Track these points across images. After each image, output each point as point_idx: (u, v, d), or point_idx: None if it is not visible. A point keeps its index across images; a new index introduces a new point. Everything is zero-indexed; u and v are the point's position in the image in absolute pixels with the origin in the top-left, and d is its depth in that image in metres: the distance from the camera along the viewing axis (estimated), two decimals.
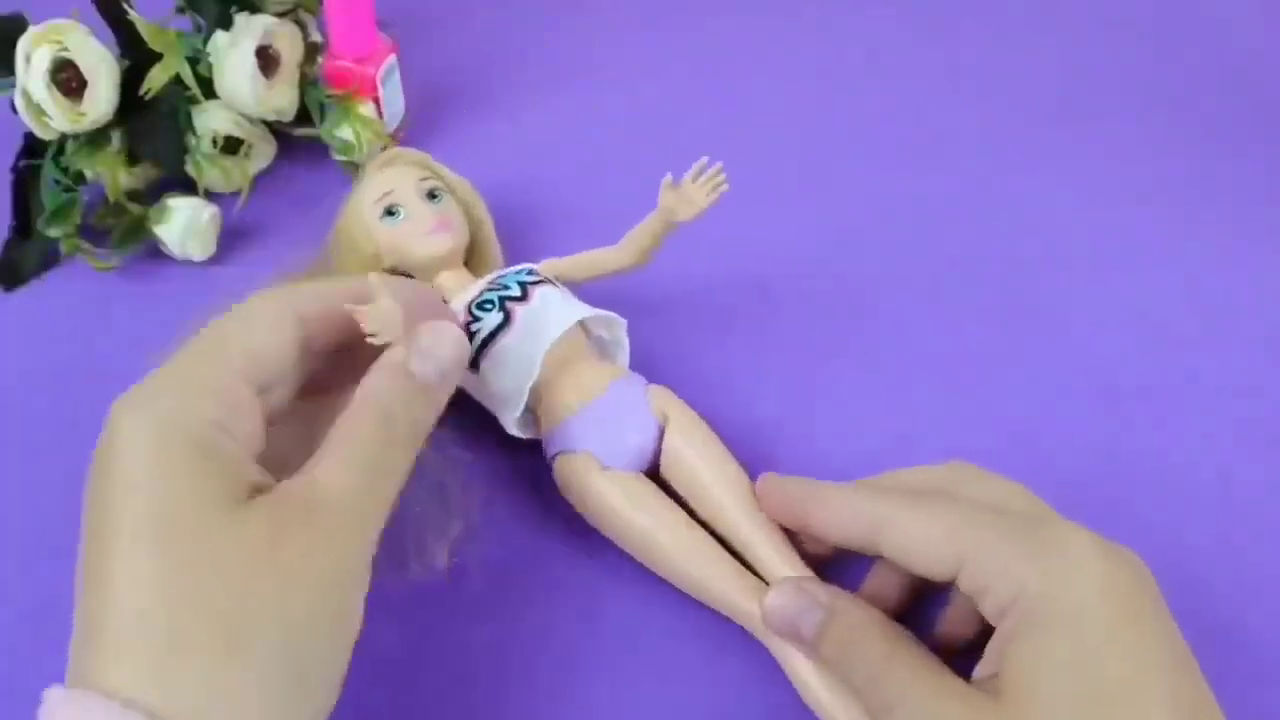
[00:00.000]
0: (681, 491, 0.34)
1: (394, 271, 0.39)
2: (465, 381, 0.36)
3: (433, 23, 0.63)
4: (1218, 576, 0.35)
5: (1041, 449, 0.39)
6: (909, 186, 0.52)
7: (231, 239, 0.48)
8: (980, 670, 0.25)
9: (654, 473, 0.34)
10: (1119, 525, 0.37)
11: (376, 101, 0.50)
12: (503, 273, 0.37)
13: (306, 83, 0.51)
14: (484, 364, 0.35)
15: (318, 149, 0.51)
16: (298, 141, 0.52)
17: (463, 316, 0.35)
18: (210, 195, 0.48)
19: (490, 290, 0.36)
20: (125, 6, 0.45)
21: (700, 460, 0.34)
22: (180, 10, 0.49)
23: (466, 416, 0.36)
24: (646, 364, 0.42)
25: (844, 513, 0.29)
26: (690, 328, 0.44)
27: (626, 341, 0.38)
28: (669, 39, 0.63)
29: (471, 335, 0.35)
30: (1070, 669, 0.22)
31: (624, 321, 0.37)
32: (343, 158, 0.50)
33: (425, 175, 0.39)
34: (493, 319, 0.35)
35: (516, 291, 0.35)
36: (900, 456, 0.39)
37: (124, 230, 0.45)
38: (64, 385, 0.41)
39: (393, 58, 0.51)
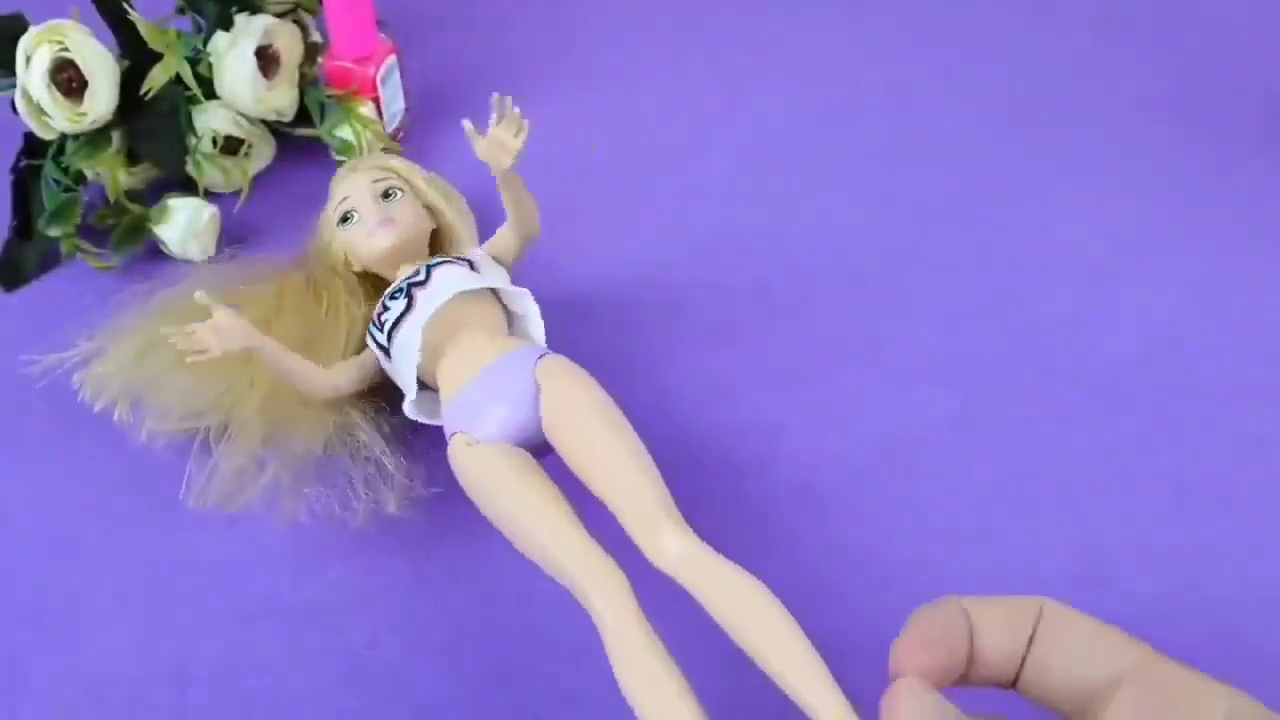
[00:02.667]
0: (566, 462, 0.32)
1: (362, 274, 0.42)
2: (388, 370, 0.37)
3: (433, 23, 0.63)
4: (1217, 577, 0.35)
5: (1042, 449, 0.39)
6: (909, 186, 0.52)
7: (231, 239, 0.48)
8: None
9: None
10: (1119, 525, 0.37)
11: (376, 101, 0.51)
12: (430, 261, 0.38)
13: (306, 83, 0.51)
14: (392, 349, 0.36)
15: (317, 149, 0.51)
16: (297, 141, 0.52)
17: (376, 310, 0.38)
18: (210, 195, 0.48)
19: (406, 279, 0.37)
20: (125, 6, 0.45)
21: (569, 427, 0.32)
22: (180, 11, 0.49)
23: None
24: (644, 364, 0.42)
25: (1008, 609, 0.24)
26: (690, 328, 0.44)
27: (536, 312, 0.38)
28: (669, 39, 0.63)
29: (382, 325, 0.37)
30: None
31: (526, 292, 0.37)
32: (343, 158, 0.50)
33: (379, 176, 0.41)
34: (398, 306, 0.36)
35: (422, 276, 0.37)
36: (900, 456, 0.39)
37: (124, 230, 0.45)
38: (64, 385, 0.41)
39: (393, 58, 0.51)
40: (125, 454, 0.38)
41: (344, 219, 0.40)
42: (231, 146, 0.49)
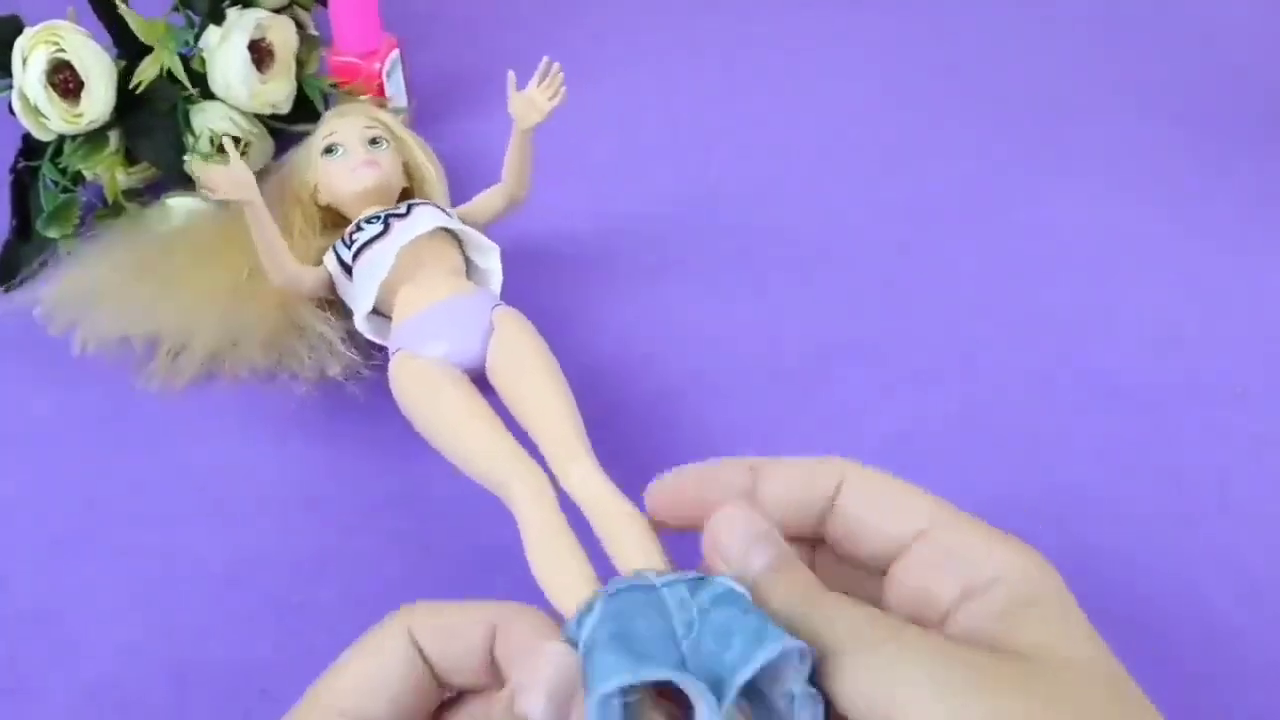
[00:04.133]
0: (501, 398, 0.35)
1: (328, 209, 0.43)
2: (341, 288, 0.39)
3: (437, 19, 0.63)
4: (1217, 578, 0.35)
5: (1042, 449, 0.39)
6: (909, 186, 0.52)
7: None
8: None
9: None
10: (1119, 525, 0.37)
11: (381, 95, 0.50)
12: (411, 200, 0.40)
13: (305, 74, 0.51)
14: (355, 267, 0.38)
15: None
16: (296, 139, 0.51)
17: (349, 230, 0.39)
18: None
19: (386, 210, 0.39)
20: (118, 2, 0.45)
21: (511, 366, 0.35)
22: (176, 9, 0.49)
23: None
24: (639, 364, 0.42)
25: (805, 471, 0.26)
26: (688, 329, 0.44)
27: (498, 269, 0.40)
28: (669, 37, 0.63)
29: (351, 244, 0.38)
30: (1076, 646, 0.22)
31: (495, 247, 0.40)
32: None
33: (370, 124, 0.43)
34: (373, 229, 0.38)
35: (402, 210, 0.39)
36: (900, 456, 0.39)
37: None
38: (65, 384, 0.41)
39: (396, 52, 0.51)
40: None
41: (329, 150, 0.42)
42: None
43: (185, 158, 0.47)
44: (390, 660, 0.23)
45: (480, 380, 0.36)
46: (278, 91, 0.49)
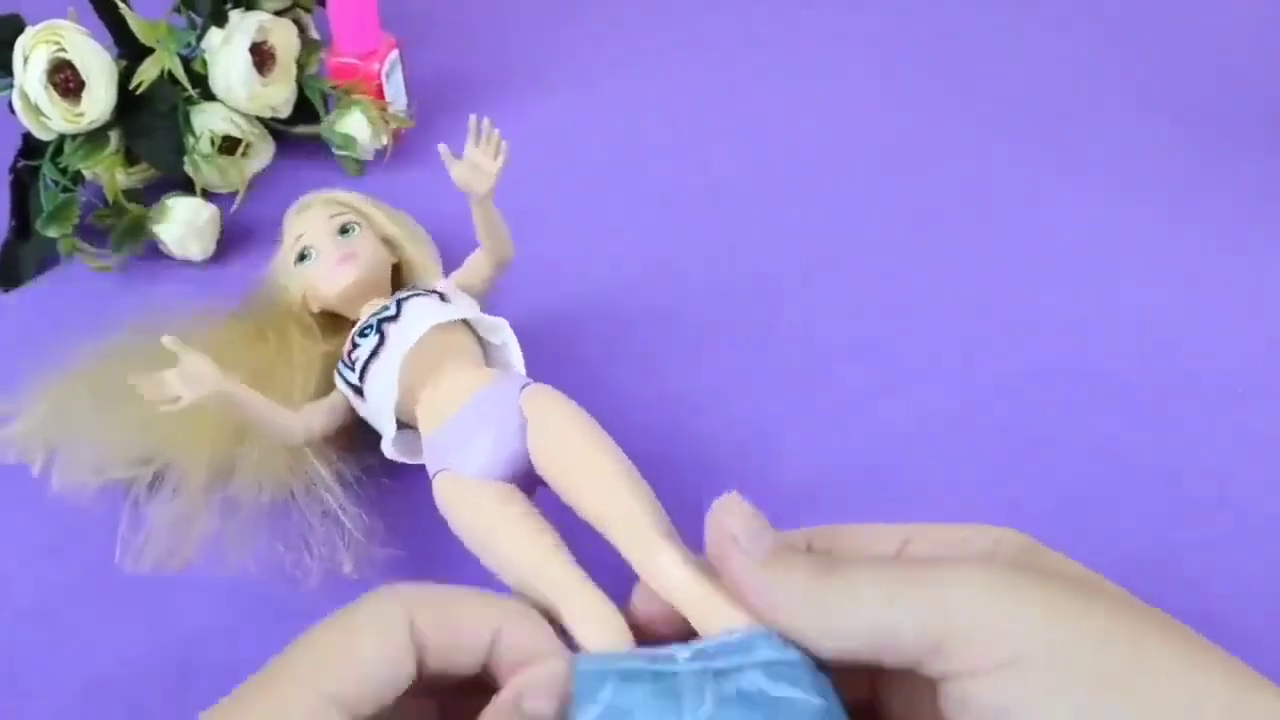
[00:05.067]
0: (557, 492, 0.30)
1: (321, 314, 0.39)
2: (360, 410, 0.35)
3: (437, 19, 0.63)
4: (1217, 578, 0.35)
5: (1041, 449, 0.39)
6: (909, 186, 0.52)
7: (231, 239, 0.48)
8: None
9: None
10: (1119, 525, 0.37)
11: (381, 97, 0.50)
12: (398, 294, 0.36)
13: (306, 76, 0.51)
14: (365, 388, 0.34)
15: (317, 148, 0.51)
16: (297, 140, 0.52)
17: (346, 349, 0.36)
18: (210, 195, 0.48)
19: (375, 315, 0.36)
20: (119, 2, 0.45)
21: (558, 455, 0.30)
22: (178, 10, 0.49)
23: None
24: (639, 367, 0.42)
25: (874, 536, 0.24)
26: (687, 330, 0.44)
27: (514, 341, 0.36)
28: (668, 38, 0.63)
29: (353, 364, 0.35)
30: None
31: (502, 322, 0.36)
32: (343, 153, 0.50)
33: (335, 212, 0.40)
34: (369, 343, 0.34)
35: (392, 310, 0.35)
36: (900, 456, 0.39)
37: (123, 230, 0.45)
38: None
39: (395, 53, 0.51)
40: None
41: (301, 257, 0.39)
42: (230, 146, 0.49)
43: (185, 159, 0.47)
44: (390, 651, 0.22)
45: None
46: (278, 94, 0.49)
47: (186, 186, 0.48)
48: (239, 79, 0.47)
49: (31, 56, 0.43)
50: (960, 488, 0.38)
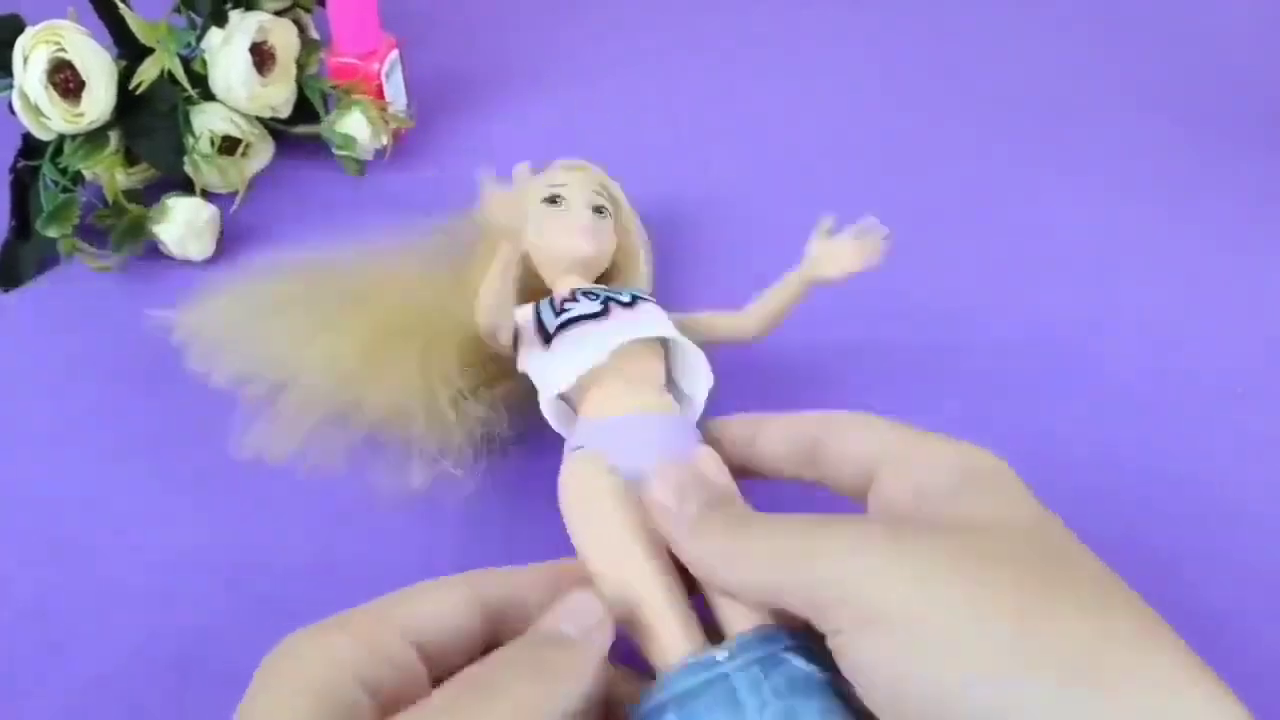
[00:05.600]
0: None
1: (524, 261, 0.37)
2: (526, 355, 0.34)
3: (437, 19, 0.63)
4: (1217, 578, 0.35)
5: (1041, 449, 0.39)
6: (909, 186, 0.52)
7: (231, 239, 0.48)
8: None
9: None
10: (1118, 525, 0.37)
11: (380, 97, 0.51)
12: (620, 288, 0.36)
13: (306, 76, 0.51)
14: (557, 340, 0.33)
15: (317, 148, 0.51)
16: (297, 141, 0.52)
17: (563, 294, 0.35)
18: (210, 195, 0.48)
19: (603, 289, 0.35)
20: (118, 2, 0.45)
21: None
22: (178, 10, 0.49)
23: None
24: None
25: (795, 420, 0.29)
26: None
27: (701, 400, 0.34)
28: (670, 38, 0.63)
29: (561, 312, 0.33)
30: (1023, 519, 0.24)
31: (709, 377, 0.34)
32: (343, 153, 0.50)
33: (599, 189, 0.40)
34: (589, 306, 0.34)
35: (626, 298, 0.35)
36: None
37: (123, 230, 0.45)
38: (65, 385, 0.41)
39: (395, 53, 0.51)
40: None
41: (553, 200, 0.38)
42: (230, 147, 0.49)
43: (185, 159, 0.47)
44: (457, 600, 0.24)
45: None
46: (277, 95, 0.49)
47: (186, 186, 0.48)
48: (239, 79, 0.47)
49: (31, 56, 0.43)
50: None
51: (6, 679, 0.32)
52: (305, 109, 0.51)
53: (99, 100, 0.44)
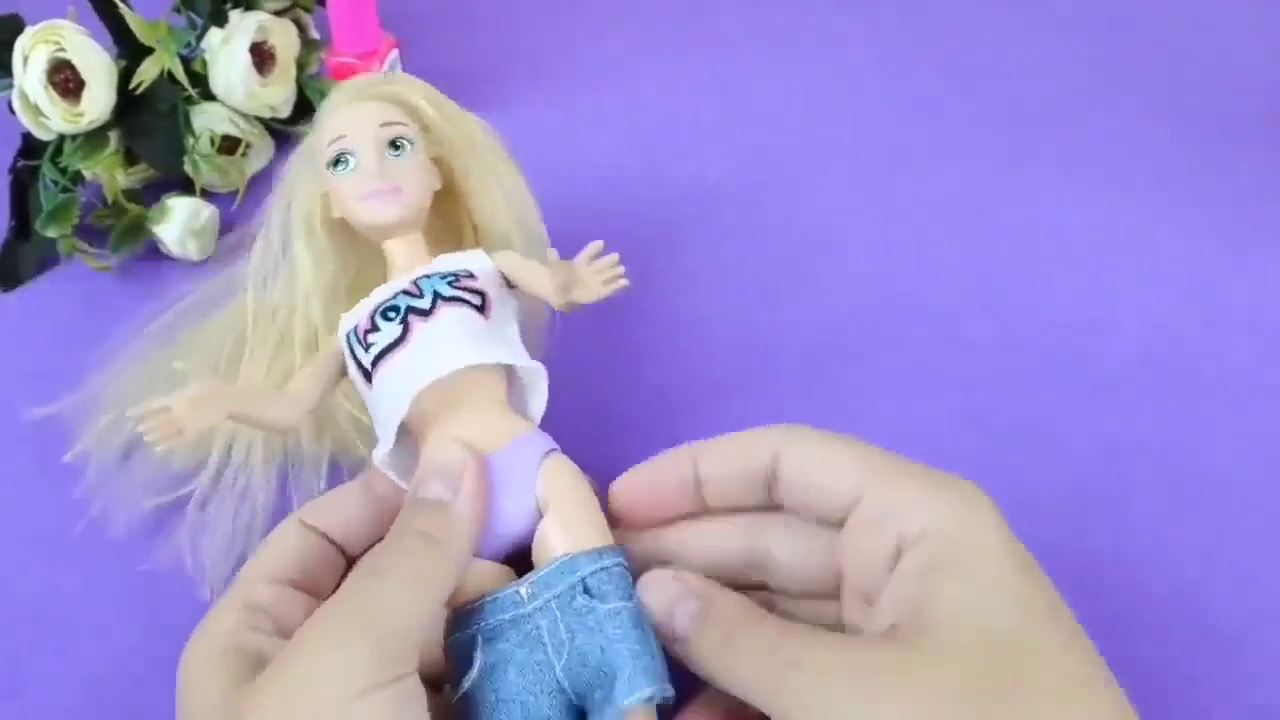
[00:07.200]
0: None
1: (343, 227, 0.33)
2: (360, 391, 0.31)
3: (437, 19, 0.63)
4: (1217, 578, 0.35)
5: (1041, 449, 0.39)
6: (909, 186, 0.52)
7: (230, 239, 0.48)
8: (874, 623, 0.24)
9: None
10: (1118, 525, 0.37)
11: None
12: (433, 268, 0.31)
13: (305, 76, 0.51)
14: (375, 380, 0.30)
15: None
16: (297, 141, 0.51)
17: (364, 324, 0.30)
18: (209, 195, 0.48)
19: (404, 295, 0.30)
20: (118, 2, 0.45)
21: (557, 541, 0.27)
22: (178, 10, 0.49)
23: None
24: (639, 367, 0.42)
25: (740, 449, 0.27)
26: (686, 330, 0.44)
27: (543, 392, 0.31)
28: (670, 38, 0.63)
29: (368, 346, 0.30)
30: (992, 611, 0.22)
31: (541, 370, 0.31)
32: None
33: (389, 119, 0.32)
34: (390, 332, 0.29)
35: (425, 303, 0.30)
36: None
37: (122, 230, 0.45)
38: (64, 385, 0.41)
39: (395, 52, 0.51)
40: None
41: (337, 161, 0.32)
42: (230, 146, 0.49)
43: (184, 159, 0.47)
44: (289, 532, 0.29)
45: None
46: (277, 95, 0.49)
47: (186, 186, 0.48)
48: (239, 79, 0.47)
49: (31, 56, 0.43)
50: None
51: (6, 679, 0.32)
52: (305, 109, 0.51)
53: (99, 100, 0.44)
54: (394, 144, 0.32)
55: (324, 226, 0.34)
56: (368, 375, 0.30)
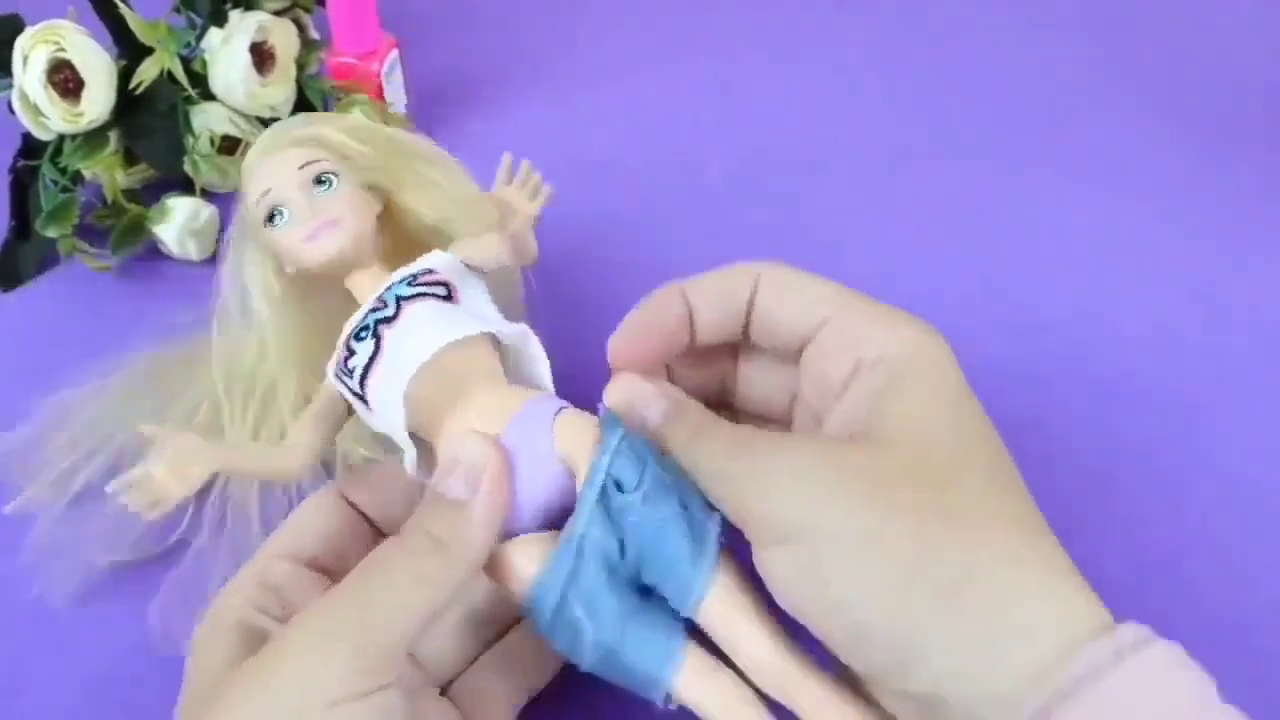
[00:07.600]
0: None
1: (302, 279, 0.33)
2: (366, 419, 0.30)
3: (437, 19, 0.63)
4: (1217, 578, 0.35)
5: (1041, 448, 0.39)
6: (909, 186, 0.52)
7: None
8: (832, 429, 0.26)
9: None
10: (1119, 525, 0.37)
11: (380, 97, 0.51)
12: (392, 279, 0.30)
13: (305, 76, 0.51)
14: (369, 399, 0.29)
15: None
16: None
17: (342, 354, 0.30)
18: (209, 195, 0.48)
19: (371, 313, 0.30)
20: (118, 2, 0.45)
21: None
22: (178, 10, 0.49)
23: None
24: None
25: (725, 279, 0.29)
26: None
27: (539, 349, 0.31)
28: (670, 38, 0.63)
29: (351, 372, 0.29)
30: (934, 429, 0.24)
31: (524, 329, 0.30)
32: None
33: (306, 159, 0.32)
34: (365, 350, 0.29)
35: (390, 311, 0.29)
36: None
37: (122, 230, 0.45)
38: (64, 385, 0.41)
39: (395, 53, 0.51)
40: None
41: (270, 217, 0.31)
42: (230, 146, 0.49)
43: (184, 159, 0.47)
44: (326, 505, 0.29)
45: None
46: (276, 95, 0.49)
47: (186, 186, 0.48)
48: (239, 79, 0.47)
49: (31, 56, 0.43)
50: None
51: (6, 679, 0.32)
52: (305, 109, 0.51)
53: (98, 100, 0.44)
54: (319, 180, 0.32)
55: (284, 290, 0.33)
56: (364, 400, 0.29)
